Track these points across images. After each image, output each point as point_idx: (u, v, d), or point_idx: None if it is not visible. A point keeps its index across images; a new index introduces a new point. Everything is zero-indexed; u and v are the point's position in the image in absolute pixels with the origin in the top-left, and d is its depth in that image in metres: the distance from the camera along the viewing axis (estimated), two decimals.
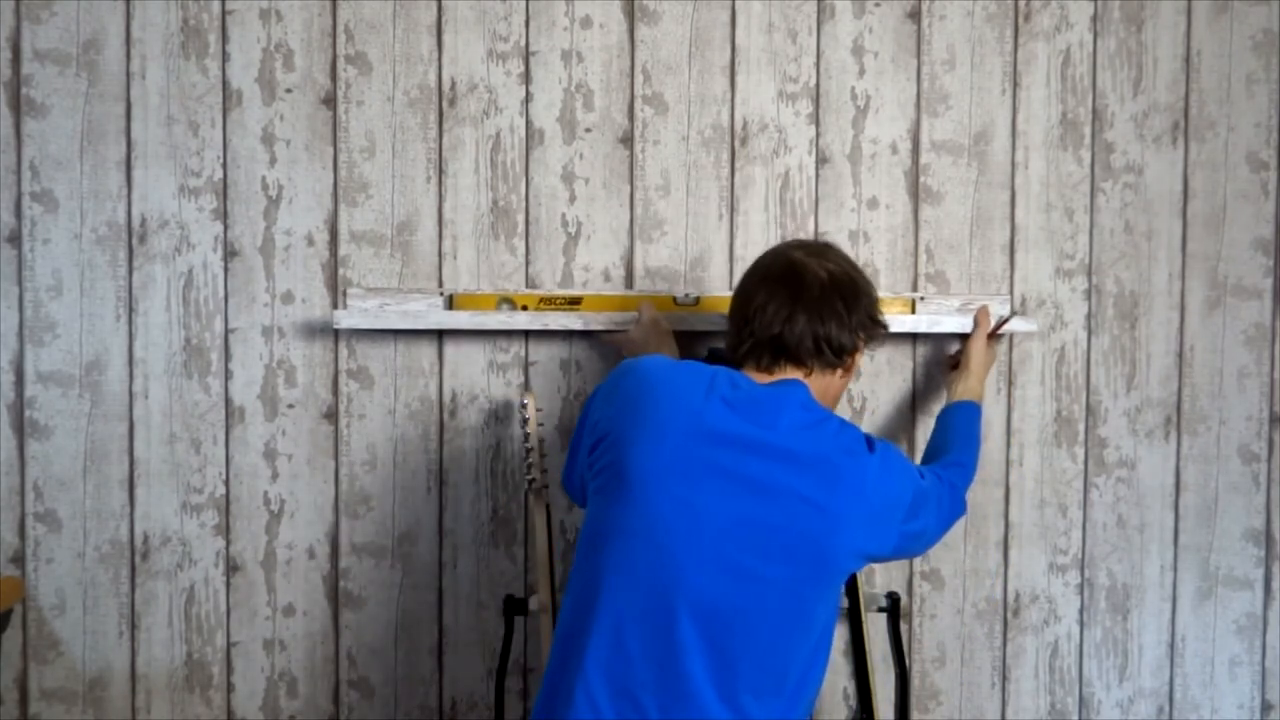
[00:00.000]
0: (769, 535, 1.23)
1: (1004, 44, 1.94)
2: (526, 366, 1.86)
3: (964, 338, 1.82)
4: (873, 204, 1.91)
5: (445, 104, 1.83)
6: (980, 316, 1.80)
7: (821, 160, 1.91)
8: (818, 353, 1.35)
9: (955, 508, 1.48)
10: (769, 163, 1.89)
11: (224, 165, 1.79)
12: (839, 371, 1.39)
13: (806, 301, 1.35)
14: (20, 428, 1.77)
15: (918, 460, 1.84)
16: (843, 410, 1.91)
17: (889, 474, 1.30)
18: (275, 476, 1.82)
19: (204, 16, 1.78)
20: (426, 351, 1.84)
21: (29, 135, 1.76)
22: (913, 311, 1.88)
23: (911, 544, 1.37)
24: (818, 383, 1.37)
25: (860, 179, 1.91)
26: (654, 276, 1.87)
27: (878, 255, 1.92)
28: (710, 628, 1.21)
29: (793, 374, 1.35)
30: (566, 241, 1.86)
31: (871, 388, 1.93)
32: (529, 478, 1.68)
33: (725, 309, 1.51)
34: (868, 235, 1.91)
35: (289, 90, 1.80)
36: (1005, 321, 1.81)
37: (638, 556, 1.23)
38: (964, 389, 1.72)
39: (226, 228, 1.80)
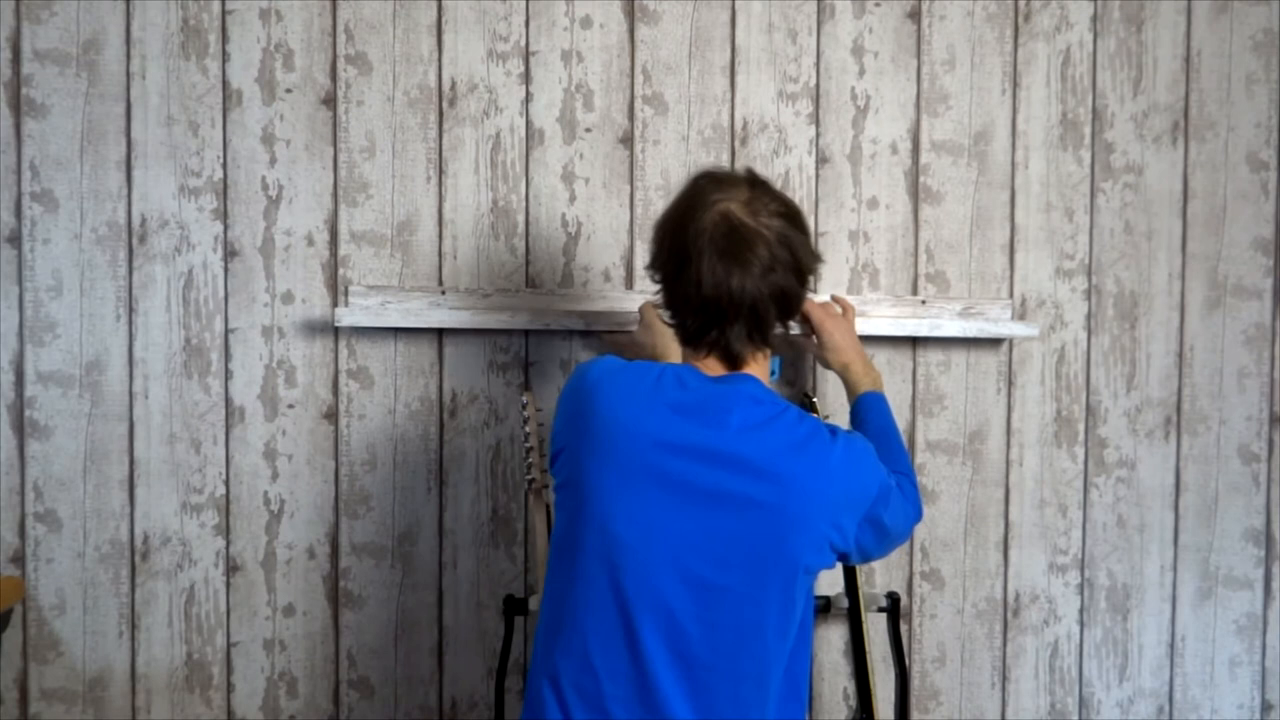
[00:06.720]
0: (726, 544, 1.20)
1: (1004, 44, 1.94)
2: (526, 366, 1.85)
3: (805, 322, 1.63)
4: (873, 204, 1.91)
5: (445, 104, 1.83)
6: (844, 304, 1.70)
7: (821, 160, 1.91)
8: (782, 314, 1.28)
9: (916, 512, 1.40)
10: (769, 162, 1.89)
11: (224, 165, 1.79)
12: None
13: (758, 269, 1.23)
14: (20, 428, 1.77)
15: None
16: (842, 411, 1.91)
17: (852, 461, 1.24)
18: (275, 476, 1.82)
19: (204, 16, 1.78)
20: (426, 351, 1.84)
21: (29, 135, 1.76)
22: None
23: (875, 539, 1.30)
24: (760, 366, 1.30)
25: (860, 179, 1.91)
26: None
27: (878, 255, 1.92)
28: (675, 640, 1.20)
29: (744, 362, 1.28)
30: (566, 241, 1.86)
31: None
32: (529, 478, 1.68)
33: None
34: (868, 235, 1.91)
35: (289, 90, 1.80)
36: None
37: (597, 572, 1.21)
38: (855, 376, 1.58)
39: (226, 228, 1.80)
